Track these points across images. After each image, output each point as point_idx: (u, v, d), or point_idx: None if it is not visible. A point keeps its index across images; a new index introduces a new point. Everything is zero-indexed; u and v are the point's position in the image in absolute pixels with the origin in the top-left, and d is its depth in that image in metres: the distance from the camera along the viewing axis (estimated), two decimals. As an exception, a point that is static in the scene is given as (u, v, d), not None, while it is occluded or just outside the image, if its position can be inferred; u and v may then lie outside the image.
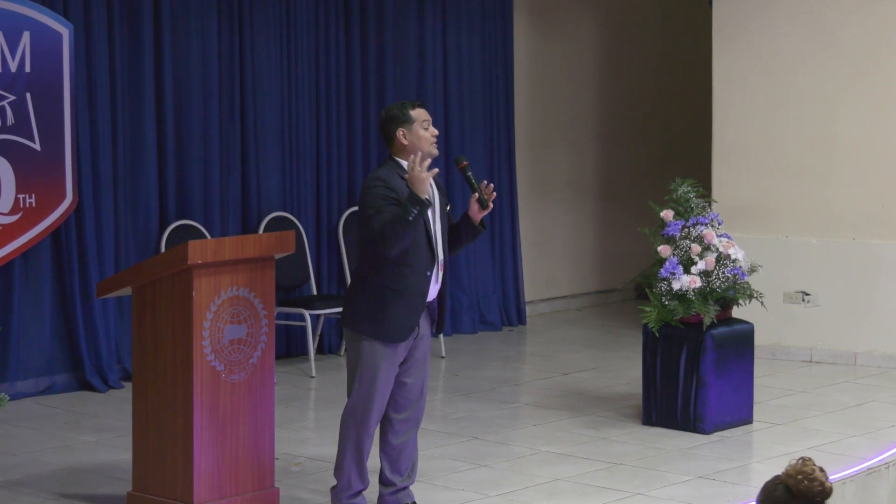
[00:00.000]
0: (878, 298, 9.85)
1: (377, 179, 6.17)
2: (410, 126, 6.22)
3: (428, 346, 6.39)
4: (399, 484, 6.44)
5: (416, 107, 6.28)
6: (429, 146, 6.23)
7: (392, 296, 6.15)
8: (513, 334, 11.44)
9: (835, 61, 9.99)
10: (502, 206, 11.60)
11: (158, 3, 9.41)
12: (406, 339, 6.20)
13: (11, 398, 7.98)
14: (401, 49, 10.86)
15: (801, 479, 3.80)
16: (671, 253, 7.99)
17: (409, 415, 6.38)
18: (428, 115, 6.30)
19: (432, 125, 6.29)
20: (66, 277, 9.00)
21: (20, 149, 8.69)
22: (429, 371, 6.45)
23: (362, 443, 6.28)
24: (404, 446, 6.41)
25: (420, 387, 6.38)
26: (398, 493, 6.45)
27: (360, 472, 6.33)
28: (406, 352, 6.27)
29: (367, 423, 6.25)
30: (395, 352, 6.21)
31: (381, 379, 6.20)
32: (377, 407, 6.25)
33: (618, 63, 12.88)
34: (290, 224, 10.05)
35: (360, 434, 6.26)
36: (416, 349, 6.32)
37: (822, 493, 3.81)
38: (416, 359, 6.33)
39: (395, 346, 6.20)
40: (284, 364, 9.83)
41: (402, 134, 6.22)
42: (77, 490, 6.90)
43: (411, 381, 6.35)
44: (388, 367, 6.21)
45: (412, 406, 6.38)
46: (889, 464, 7.43)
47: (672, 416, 8.09)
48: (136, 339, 6.45)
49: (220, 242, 6.44)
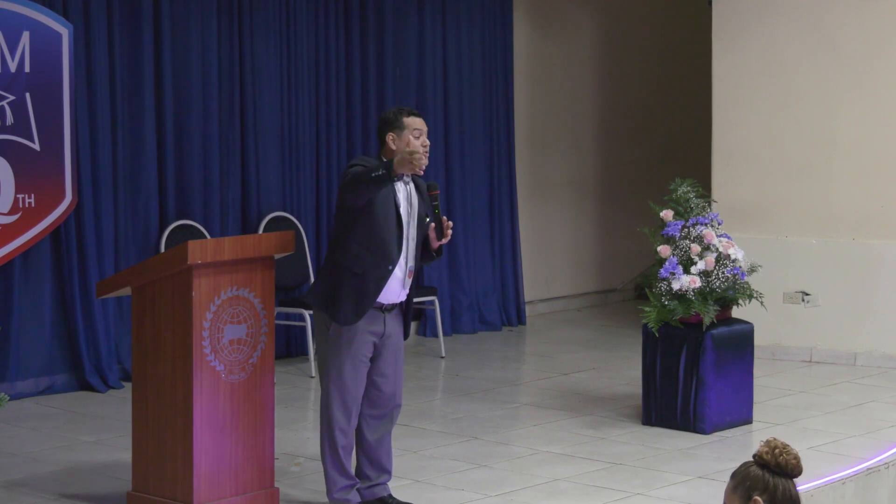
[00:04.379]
0: (878, 298, 9.85)
1: (360, 160, 6.35)
2: (401, 132, 6.32)
3: (400, 344, 6.48)
4: (376, 479, 6.54)
5: (411, 115, 6.37)
6: None
7: (349, 277, 6.25)
8: (513, 334, 11.44)
9: (835, 61, 9.99)
10: (502, 206, 11.60)
11: (158, 3, 9.41)
12: (354, 324, 6.24)
13: (11, 398, 7.98)
14: (401, 49, 10.87)
15: (778, 452, 3.82)
16: (671, 253, 7.99)
17: (384, 411, 6.48)
18: (423, 125, 6.37)
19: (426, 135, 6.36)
20: (66, 277, 9.00)
21: (20, 149, 8.69)
22: (402, 368, 6.53)
23: (334, 438, 6.36)
24: (380, 442, 6.51)
25: (393, 383, 6.47)
26: (374, 487, 6.55)
27: (339, 468, 6.40)
28: (372, 347, 6.35)
29: (336, 417, 6.33)
30: (358, 341, 6.27)
31: (347, 373, 6.30)
32: (348, 401, 6.33)
33: (618, 63, 12.88)
34: (290, 224, 10.05)
35: (332, 429, 6.36)
36: (385, 347, 6.41)
37: (797, 466, 3.83)
38: (385, 356, 6.42)
39: (357, 340, 6.25)
40: (284, 364, 9.83)
41: (391, 139, 6.33)
42: (77, 490, 6.90)
43: (383, 379, 6.44)
44: (352, 357, 6.29)
45: (387, 402, 6.47)
46: (889, 464, 7.43)
47: (672, 417, 8.09)
48: (136, 340, 6.46)
49: (219, 242, 6.44)
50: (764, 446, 3.84)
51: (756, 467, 3.83)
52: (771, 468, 3.81)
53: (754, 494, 3.78)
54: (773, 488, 3.79)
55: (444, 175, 11.17)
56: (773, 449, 3.83)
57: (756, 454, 3.85)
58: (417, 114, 6.41)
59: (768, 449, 3.83)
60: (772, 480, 3.80)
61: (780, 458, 3.81)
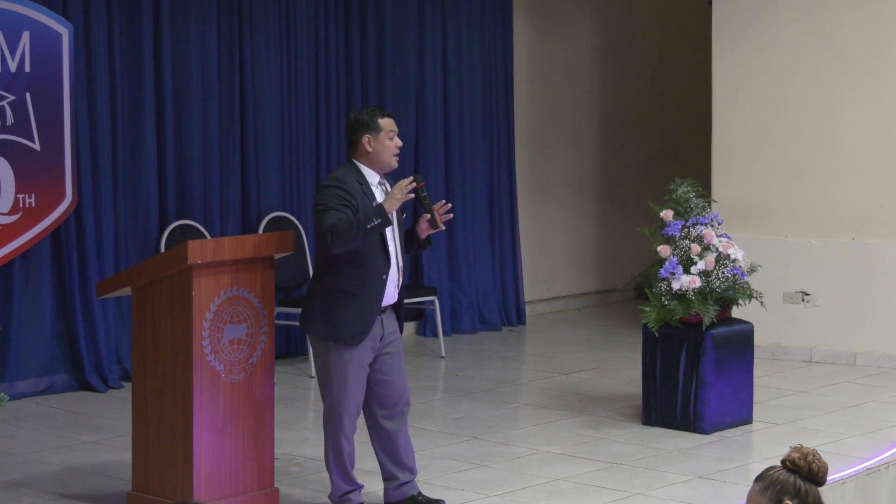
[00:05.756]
0: (878, 298, 9.85)
1: (334, 180, 6.27)
2: (377, 134, 6.31)
3: (399, 341, 6.47)
4: (402, 478, 6.49)
5: (385, 115, 6.38)
6: (391, 157, 6.35)
7: (346, 298, 6.22)
8: (512, 334, 11.44)
9: (835, 61, 9.99)
10: (502, 206, 11.60)
11: (158, 3, 9.41)
12: (362, 342, 6.23)
13: (11, 398, 7.97)
14: (401, 49, 10.86)
15: (811, 459, 3.84)
16: (671, 253, 7.99)
17: (395, 410, 6.46)
18: (395, 125, 6.40)
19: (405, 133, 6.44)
20: (66, 277, 9.00)
21: (20, 149, 8.69)
22: (404, 364, 6.52)
23: (341, 447, 6.36)
24: (397, 440, 6.48)
25: (400, 380, 6.46)
26: (403, 487, 6.53)
27: (343, 475, 6.39)
28: (374, 351, 6.34)
29: (342, 426, 6.33)
30: (360, 353, 6.26)
31: (351, 381, 6.28)
32: (352, 409, 6.33)
33: (618, 63, 12.88)
34: (290, 224, 10.05)
35: (338, 438, 6.35)
36: (387, 346, 6.39)
37: (826, 473, 3.86)
38: (390, 355, 6.41)
39: (358, 349, 6.24)
40: (284, 364, 9.83)
41: (367, 140, 6.31)
42: (77, 490, 6.90)
43: (389, 378, 6.42)
44: (356, 368, 6.28)
45: (396, 401, 6.45)
46: (889, 464, 7.43)
47: (672, 416, 8.09)
48: (136, 339, 6.46)
49: (219, 242, 6.45)
50: (795, 452, 3.86)
51: (786, 472, 3.84)
52: (802, 473, 3.83)
53: (785, 498, 3.80)
54: (804, 493, 3.81)
55: (443, 175, 11.17)
56: (806, 455, 3.84)
57: (787, 459, 3.85)
58: (390, 114, 6.42)
59: (800, 455, 3.84)
60: (803, 486, 3.82)
61: (813, 465, 3.83)
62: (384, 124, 6.32)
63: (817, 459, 3.85)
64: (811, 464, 3.83)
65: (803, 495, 3.81)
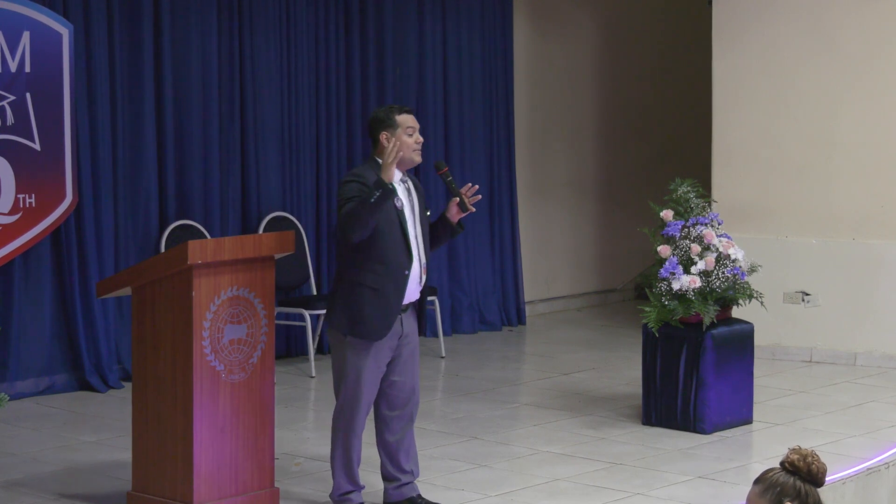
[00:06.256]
0: (878, 298, 9.85)
1: (353, 175, 6.29)
2: (394, 131, 6.31)
3: (416, 343, 6.45)
4: (402, 479, 6.49)
5: (403, 112, 6.37)
6: (411, 153, 6.32)
7: (369, 294, 6.21)
8: (512, 334, 11.44)
9: (835, 61, 9.99)
10: (502, 206, 11.60)
11: (158, 3, 9.41)
12: (384, 337, 6.23)
13: (11, 398, 7.98)
14: (401, 49, 10.86)
15: (811, 460, 3.84)
16: (671, 253, 7.99)
17: (403, 412, 6.45)
18: (415, 122, 6.38)
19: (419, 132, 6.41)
20: (66, 277, 9.00)
21: (20, 149, 8.69)
22: (419, 367, 6.51)
23: (350, 444, 6.34)
24: (401, 442, 6.47)
25: (411, 383, 6.44)
26: (402, 488, 6.51)
27: (348, 474, 6.38)
28: (391, 351, 6.33)
29: (353, 424, 6.32)
30: (378, 351, 6.25)
31: (366, 379, 6.27)
32: (363, 407, 6.32)
33: (618, 63, 12.88)
34: (290, 224, 10.05)
35: (348, 435, 6.33)
36: (404, 347, 6.38)
37: (825, 474, 3.86)
38: (404, 356, 6.39)
39: (377, 346, 6.24)
40: (284, 364, 9.83)
41: (384, 137, 6.31)
42: (77, 490, 6.90)
43: (402, 379, 6.40)
44: (373, 366, 6.27)
45: (405, 403, 6.44)
46: (889, 464, 7.43)
47: (672, 417, 8.09)
48: (136, 339, 6.45)
49: (219, 242, 6.44)
50: (794, 453, 3.85)
51: (785, 473, 3.84)
52: (802, 475, 3.83)
53: (785, 500, 3.80)
54: (804, 495, 3.81)
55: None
56: (805, 457, 3.84)
57: (786, 461, 3.85)
58: (409, 110, 6.41)
59: (799, 456, 3.84)
60: (803, 487, 3.82)
61: (812, 466, 3.83)
62: (401, 121, 6.32)
63: (816, 461, 3.85)
64: (810, 465, 3.83)
65: (803, 496, 3.82)
